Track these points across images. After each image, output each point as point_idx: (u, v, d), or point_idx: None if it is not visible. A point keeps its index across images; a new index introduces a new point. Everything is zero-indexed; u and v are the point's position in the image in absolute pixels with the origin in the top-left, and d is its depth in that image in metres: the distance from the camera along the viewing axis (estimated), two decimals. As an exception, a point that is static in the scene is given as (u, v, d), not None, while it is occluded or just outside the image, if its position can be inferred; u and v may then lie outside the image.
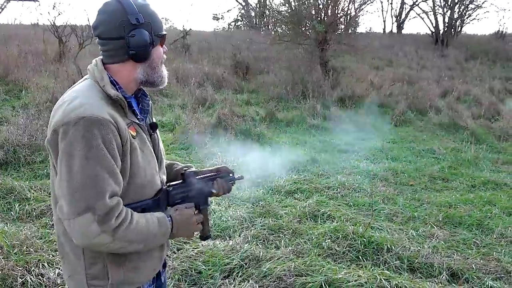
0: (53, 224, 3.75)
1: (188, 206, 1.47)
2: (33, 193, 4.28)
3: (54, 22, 12.21)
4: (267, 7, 27.68)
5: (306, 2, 12.62)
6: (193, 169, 1.60)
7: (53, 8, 12.41)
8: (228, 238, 3.65)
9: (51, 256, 3.10)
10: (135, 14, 1.31)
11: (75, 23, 12.17)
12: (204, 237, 1.61)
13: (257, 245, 3.49)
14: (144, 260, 1.40)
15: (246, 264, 3.16)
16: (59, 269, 2.97)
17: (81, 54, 11.04)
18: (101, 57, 1.40)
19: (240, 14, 33.65)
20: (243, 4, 32.77)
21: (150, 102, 1.51)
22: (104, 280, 1.33)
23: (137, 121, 1.38)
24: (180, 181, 1.53)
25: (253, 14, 32.91)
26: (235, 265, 3.14)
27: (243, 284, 2.92)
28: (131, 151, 1.30)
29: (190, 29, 17.12)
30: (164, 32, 1.42)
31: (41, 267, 2.89)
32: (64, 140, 1.20)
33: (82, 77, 1.33)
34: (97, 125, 1.20)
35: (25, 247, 3.12)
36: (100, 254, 1.31)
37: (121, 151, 1.26)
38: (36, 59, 11.46)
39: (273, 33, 16.72)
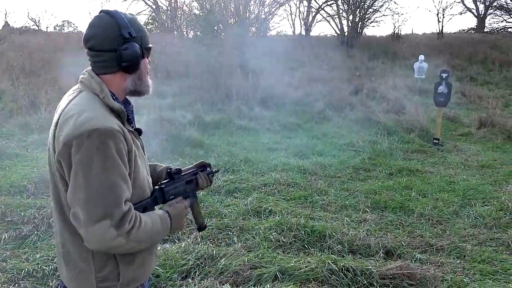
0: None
1: (178, 201, 1.58)
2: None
3: None
4: (180, 9, 27.49)
5: (217, 6, 12.83)
6: (176, 167, 1.69)
7: None
8: (177, 241, 3.69)
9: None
10: (127, 28, 1.38)
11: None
12: (201, 227, 1.75)
13: (208, 244, 3.59)
14: (148, 257, 1.49)
15: (202, 263, 3.25)
16: (4, 290, 2.82)
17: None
18: (90, 68, 1.44)
19: (150, 17, 32.88)
20: (154, 7, 32.10)
21: (133, 109, 1.58)
22: (115, 281, 1.39)
23: (131, 129, 1.45)
24: (168, 179, 1.62)
25: (164, 17, 32.34)
26: (192, 265, 3.21)
27: (203, 282, 3.01)
28: (134, 157, 1.37)
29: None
30: (151, 45, 1.49)
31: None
32: (79, 153, 1.24)
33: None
34: (110, 136, 1.26)
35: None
36: (110, 257, 1.37)
37: (127, 157, 1.34)
38: None
39: (185, 35, 16.66)
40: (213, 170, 1.83)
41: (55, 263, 3.18)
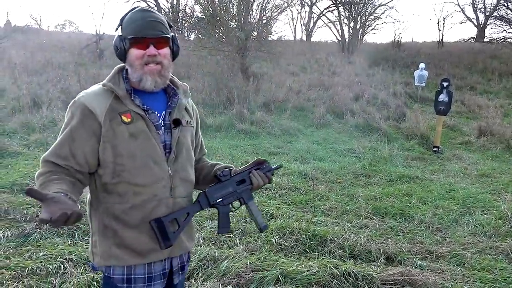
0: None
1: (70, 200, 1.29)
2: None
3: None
4: (182, 11, 27.55)
5: (220, 10, 12.86)
6: (230, 168, 1.69)
7: None
8: (180, 242, 3.71)
9: (-3, 274, 2.94)
10: (119, 21, 1.54)
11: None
12: (262, 228, 1.75)
13: (211, 246, 3.61)
14: (131, 241, 1.50)
15: (204, 265, 3.27)
16: (7, 286, 2.83)
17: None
18: None
19: (152, 18, 32.89)
20: (155, 9, 32.22)
21: (180, 101, 1.62)
22: (98, 250, 1.52)
23: (136, 110, 1.50)
24: (216, 182, 1.64)
25: (166, 19, 32.42)
26: (194, 266, 3.23)
27: (205, 283, 3.03)
28: (115, 133, 1.47)
29: (104, 33, 16.58)
30: (132, 35, 1.47)
31: (-9, 286, 2.73)
32: None
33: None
34: (74, 107, 1.49)
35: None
36: (96, 226, 1.53)
37: (98, 132, 1.47)
38: None
39: (186, 38, 16.69)
40: (272, 166, 1.73)
41: (58, 261, 3.20)
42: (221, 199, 1.60)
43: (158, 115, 1.56)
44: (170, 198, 1.54)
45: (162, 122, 1.57)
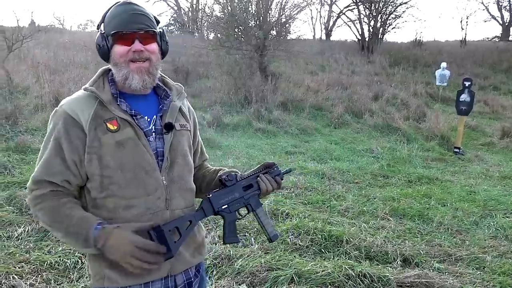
0: (8, 236, 3.61)
1: (135, 228, 1.31)
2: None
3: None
4: (201, 11, 27.76)
5: (238, 8, 12.87)
6: (235, 172, 1.56)
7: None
8: (195, 240, 3.73)
9: (17, 268, 3.00)
10: (101, 18, 1.42)
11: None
12: (271, 238, 1.61)
13: (225, 244, 3.62)
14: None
15: (219, 263, 3.28)
16: (27, 279, 2.90)
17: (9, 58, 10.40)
18: None
19: (172, 18, 33.25)
20: (175, 8, 32.50)
21: (172, 103, 1.48)
22: (90, 271, 1.42)
23: (122, 116, 1.37)
24: (220, 187, 1.50)
25: (185, 18, 32.67)
26: (209, 264, 3.24)
27: (219, 281, 3.04)
28: (100, 143, 1.33)
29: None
30: (115, 31, 1.36)
31: (11, 279, 2.80)
32: None
33: (12, 82, 1.54)
34: (56, 116, 1.37)
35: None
36: None
37: (83, 142, 1.34)
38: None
39: (205, 37, 16.80)
40: (281, 170, 1.60)
41: (76, 256, 3.26)
42: (226, 206, 1.47)
43: (148, 120, 1.43)
44: (166, 211, 1.40)
45: (153, 127, 1.43)
